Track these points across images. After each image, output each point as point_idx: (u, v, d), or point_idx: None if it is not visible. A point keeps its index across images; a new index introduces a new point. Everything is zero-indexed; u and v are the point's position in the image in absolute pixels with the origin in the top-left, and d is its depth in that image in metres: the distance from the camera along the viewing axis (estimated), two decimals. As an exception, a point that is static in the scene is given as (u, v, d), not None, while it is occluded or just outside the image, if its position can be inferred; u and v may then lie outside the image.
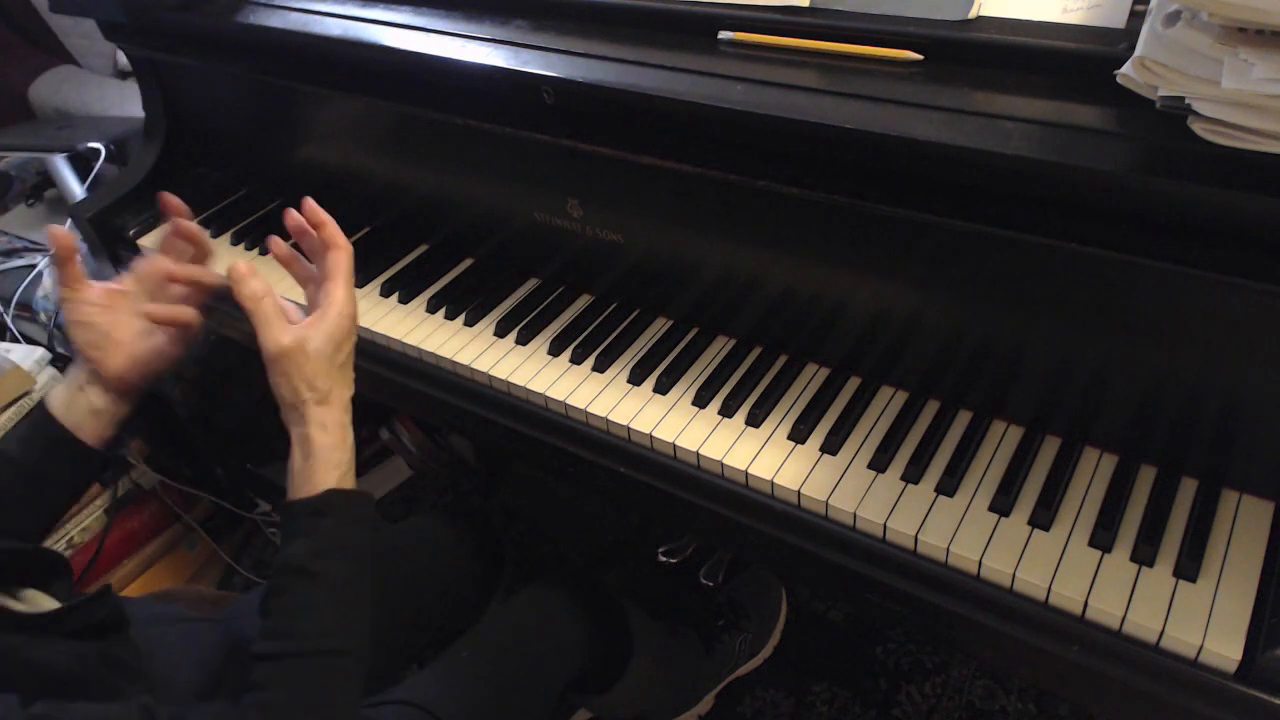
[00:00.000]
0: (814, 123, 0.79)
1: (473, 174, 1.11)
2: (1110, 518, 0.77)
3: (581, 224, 1.02)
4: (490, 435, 1.04)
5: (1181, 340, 0.74)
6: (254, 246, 1.25)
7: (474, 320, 1.07)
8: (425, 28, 1.05)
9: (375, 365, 1.09)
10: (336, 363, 0.76)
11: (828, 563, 0.84)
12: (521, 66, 0.94)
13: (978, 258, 0.80)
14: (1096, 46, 0.77)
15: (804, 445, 0.88)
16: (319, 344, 0.74)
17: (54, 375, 1.47)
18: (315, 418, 0.74)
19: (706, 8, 0.95)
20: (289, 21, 1.13)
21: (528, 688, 1.06)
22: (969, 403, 0.89)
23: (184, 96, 1.35)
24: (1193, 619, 0.70)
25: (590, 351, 1.00)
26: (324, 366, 0.74)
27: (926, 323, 0.87)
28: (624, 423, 0.93)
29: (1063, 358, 0.81)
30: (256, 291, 0.75)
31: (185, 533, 1.69)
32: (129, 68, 1.94)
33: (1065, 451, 0.84)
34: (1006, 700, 1.41)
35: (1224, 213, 0.67)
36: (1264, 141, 0.62)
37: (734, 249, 0.95)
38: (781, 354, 0.98)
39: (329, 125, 1.22)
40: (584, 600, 1.16)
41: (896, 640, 1.51)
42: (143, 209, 1.34)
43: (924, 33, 0.84)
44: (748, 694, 1.47)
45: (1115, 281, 0.74)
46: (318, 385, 0.74)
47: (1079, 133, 0.72)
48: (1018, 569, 0.75)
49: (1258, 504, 0.77)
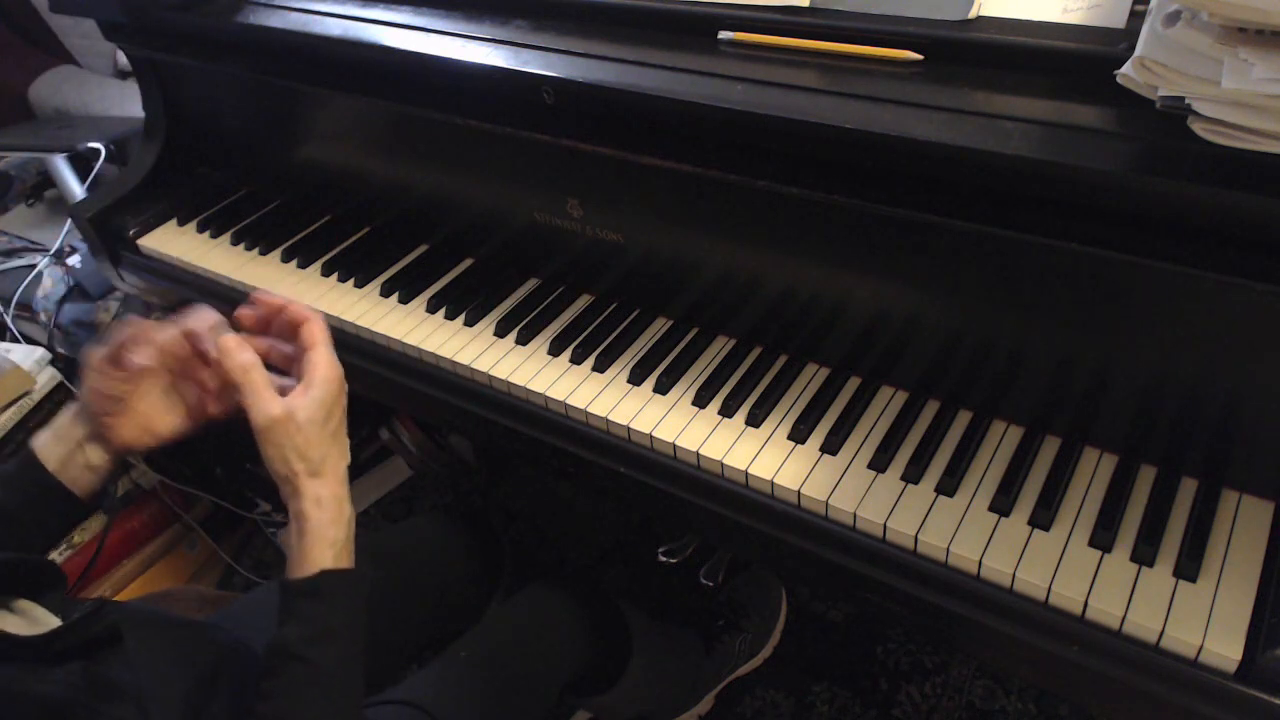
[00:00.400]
0: (814, 123, 0.79)
1: (473, 174, 1.11)
2: (1110, 518, 0.77)
3: (581, 224, 1.02)
4: (490, 435, 1.04)
5: (1181, 340, 0.74)
6: (254, 246, 1.25)
7: (474, 320, 1.07)
8: (425, 28, 1.05)
9: (375, 365, 1.09)
10: (328, 430, 0.74)
11: (828, 563, 0.84)
12: (521, 66, 0.94)
13: (978, 258, 0.80)
14: (1096, 46, 0.77)
15: (804, 445, 0.88)
16: (309, 412, 0.72)
17: (53, 375, 1.47)
18: (309, 491, 0.72)
19: (706, 8, 0.95)
20: (289, 21, 1.13)
21: (526, 688, 1.06)
22: (969, 403, 0.89)
23: (184, 96, 1.34)
24: (1193, 619, 0.70)
25: (590, 351, 1.00)
26: (315, 434, 0.72)
27: (926, 323, 0.87)
28: (624, 423, 0.93)
29: (1063, 358, 0.81)
30: (245, 363, 0.73)
31: (185, 533, 1.69)
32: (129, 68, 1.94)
33: (1065, 451, 0.84)
34: (1006, 700, 1.41)
35: (1224, 213, 0.67)
36: (1264, 141, 0.62)
37: (734, 249, 0.95)
38: (781, 354, 0.98)
39: (329, 125, 1.22)
40: (583, 601, 1.16)
41: (896, 640, 1.51)
42: (143, 209, 1.34)
43: (924, 33, 0.84)
44: (748, 694, 1.47)
45: (1115, 281, 0.74)
46: (310, 455, 0.72)
47: (1079, 133, 0.72)
48: (1018, 569, 0.75)
49: (1258, 504, 0.77)
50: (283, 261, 1.22)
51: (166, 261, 1.29)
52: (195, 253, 1.27)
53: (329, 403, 0.74)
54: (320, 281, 1.18)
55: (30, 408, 1.44)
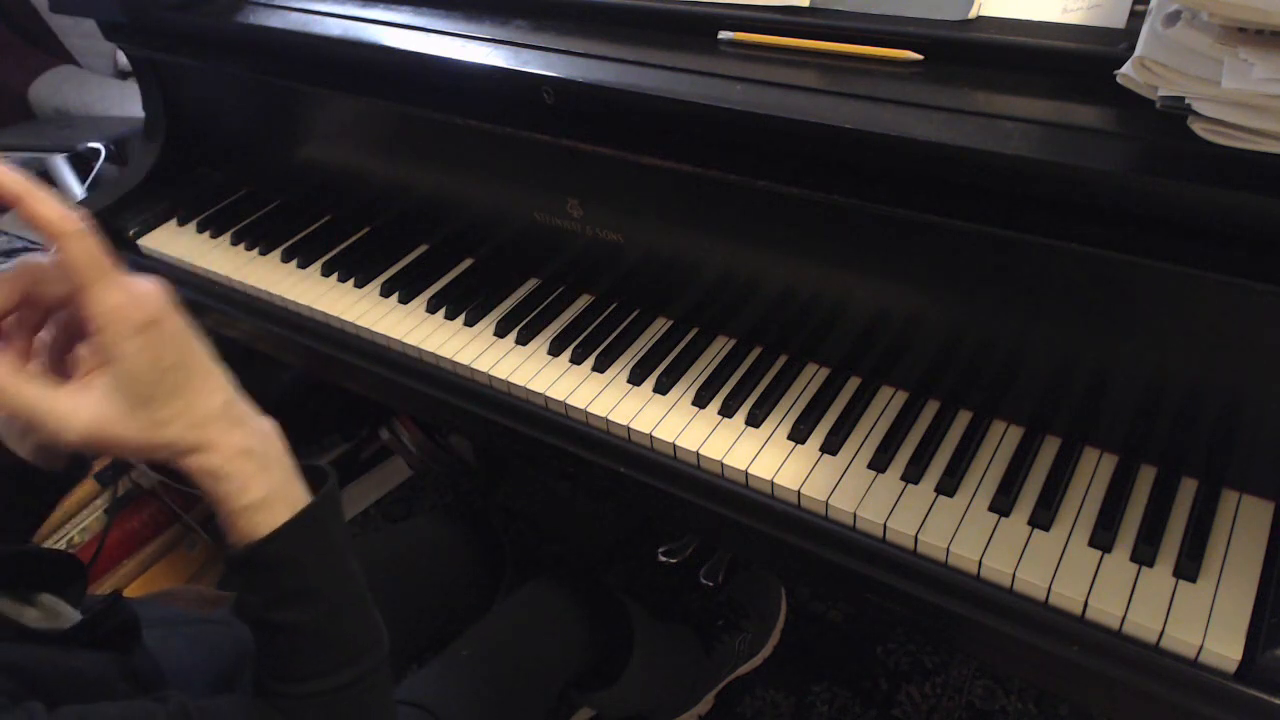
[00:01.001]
0: (814, 123, 0.79)
1: (473, 174, 1.11)
2: (1110, 518, 0.77)
3: (581, 224, 1.02)
4: (490, 435, 1.04)
5: (1181, 340, 0.74)
6: (254, 247, 1.25)
7: (474, 320, 1.07)
8: (425, 28, 1.05)
9: (375, 365, 1.09)
10: (168, 387, 0.53)
11: (828, 563, 0.84)
12: (521, 66, 0.94)
13: (978, 258, 0.80)
14: (1096, 46, 0.77)
15: (804, 445, 0.88)
16: (121, 406, 0.52)
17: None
18: (199, 466, 0.56)
19: (706, 8, 0.95)
20: (289, 21, 1.13)
21: (528, 686, 1.06)
22: (969, 403, 0.89)
23: (184, 96, 1.34)
24: (1193, 619, 0.70)
25: (590, 351, 1.00)
26: (151, 419, 0.53)
27: (926, 323, 0.87)
28: (624, 423, 0.93)
29: (1063, 358, 0.81)
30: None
31: (185, 533, 1.69)
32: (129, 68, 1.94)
33: (1065, 451, 0.84)
34: (1006, 700, 1.41)
35: (1224, 213, 0.67)
36: (1264, 141, 0.62)
37: (734, 249, 0.95)
38: (781, 354, 0.98)
39: (329, 125, 1.22)
40: (584, 597, 1.16)
41: (896, 640, 1.51)
42: (143, 209, 1.34)
43: (924, 33, 0.84)
44: (748, 694, 1.47)
45: (1115, 281, 0.74)
46: (164, 439, 0.54)
47: (1079, 133, 0.72)
48: (1018, 569, 0.75)
49: (1258, 504, 0.77)
50: (283, 261, 1.22)
51: (166, 261, 1.29)
52: (195, 253, 1.27)
53: (146, 371, 0.52)
54: (320, 281, 1.18)
55: None
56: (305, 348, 1.16)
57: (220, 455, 0.56)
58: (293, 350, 1.20)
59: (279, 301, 1.17)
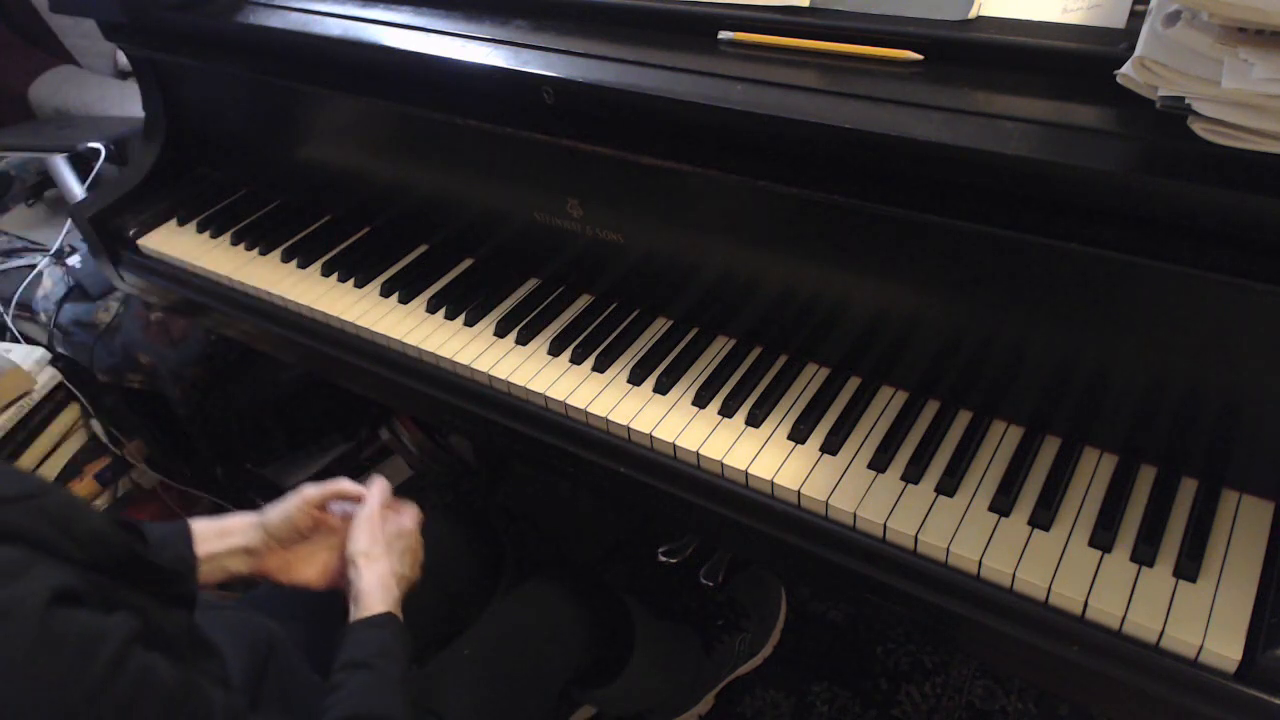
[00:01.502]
0: (814, 123, 0.79)
1: (473, 174, 1.11)
2: (1110, 518, 0.77)
3: (581, 224, 1.02)
4: (490, 435, 1.04)
5: (1181, 340, 0.74)
6: (254, 246, 1.25)
7: (474, 320, 1.07)
8: (425, 28, 1.05)
9: (375, 365, 1.09)
10: (392, 549, 0.91)
11: (828, 563, 0.84)
12: (521, 66, 0.94)
13: (978, 258, 0.80)
14: (1096, 46, 0.77)
15: (804, 445, 0.88)
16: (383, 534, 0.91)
17: (53, 375, 1.47)
18: (366, 571, 0.87)
19: (706, 8, 0.95)
20: (289, 21, 1.13)
21: (530, 683, 1.06)
22: (969, 403, 0.89)
23: (184, 96, 1.35)
24: (1193, 619, 0.70)
25: (590, 351, 1.00)
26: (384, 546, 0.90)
27: (926, 323, 0.87)
28: (624, 423, 0.93)
29: (1062, 358, 0.81)
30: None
31: (185, 533, 1.69)
32: (129, 68, 1.95)
33: (1065, 451, 0.84)
34: (1006, 700, 1.41)
35: (1224, 213, 0.67)
36: (1264, 141, 0.62)
37: (734, 249, 0.95)
38: (781, 354, 0.98)
39: (329, 125, 1.22)
40: (584, 596, 1.16)
41: (896, 640, 1.51)
42: (143, 209, 1.34)
43: (924, 33, 0.84)
44: (748, 694, 1.47)
45: (1115, 281, 0.74)
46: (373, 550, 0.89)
47: (1079, 133, 0.72)
48: (1018, 569, 0.75)
49: (1258, 504, 0.77)
50: (283, 261, 1.22)
51: (166, 261, 1.29)
52: (195, 252, 1.27)
53: (401, 543, 0.93)
54: (320, 281, 1.18)
55: (30, 408, 1.44)
56: (305, 347, 1.16)
57: (377, 572, 0.88)
58: (293, 350, 1.20)
59: (279, 301, 1.17)
